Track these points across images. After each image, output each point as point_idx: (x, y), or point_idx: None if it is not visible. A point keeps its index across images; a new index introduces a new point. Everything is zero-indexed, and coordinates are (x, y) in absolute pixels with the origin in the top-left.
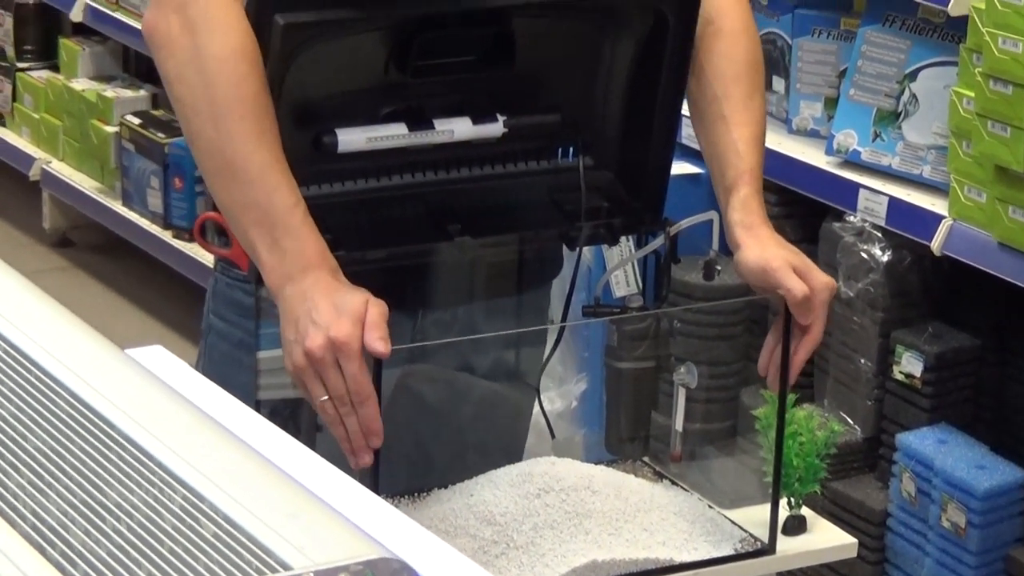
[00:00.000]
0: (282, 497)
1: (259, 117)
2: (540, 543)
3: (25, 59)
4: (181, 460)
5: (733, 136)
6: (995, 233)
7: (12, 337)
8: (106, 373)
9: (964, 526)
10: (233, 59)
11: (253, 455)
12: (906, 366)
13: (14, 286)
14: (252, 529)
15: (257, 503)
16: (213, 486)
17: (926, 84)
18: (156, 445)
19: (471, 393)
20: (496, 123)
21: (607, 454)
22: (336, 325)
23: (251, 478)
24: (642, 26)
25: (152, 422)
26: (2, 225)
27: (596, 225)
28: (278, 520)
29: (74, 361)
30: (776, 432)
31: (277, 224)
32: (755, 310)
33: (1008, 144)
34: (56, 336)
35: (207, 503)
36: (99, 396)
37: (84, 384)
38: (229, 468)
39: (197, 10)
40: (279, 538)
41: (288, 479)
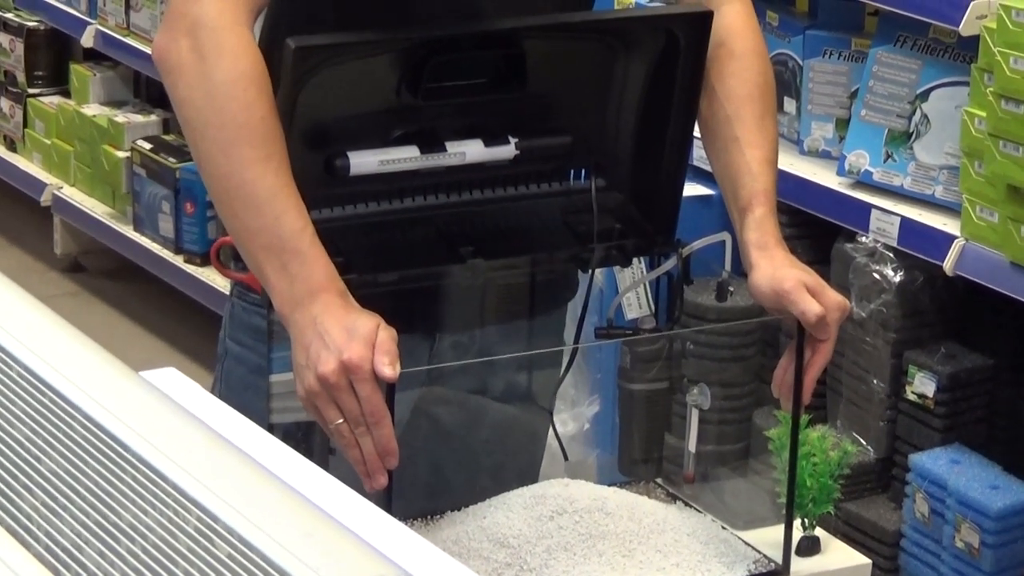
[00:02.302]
0: (296, 517)
1: (267, 142)
2: (554, 565)
3: (36, 85)
4: (195, 481)
5: (747, 157)
6: (1008, 253)
7: (27, 360)
8: (120, 395)
9: (978, 546)
10: (242, 84)
11: (267, 476)
12: (919, 387)
13: (28, 310)
14: (266, 549)
15: (271, 523)
16: (227, 507)
17: (938, 104)
18: (170, 466)
19: (485, 416)
20: (508, 145)
21: (620, 476)
22: (348, 348)
23: (265, 499)
24: (653, 48)
25: (166, 443)
26: (14, 250)
27: (608, 247)
28: (292, 540)
29: (88, 383)
30: (789, 453)
31: (285, 248)
32: (768, 331)
33: (1020, 164)
34: (70, 359)
35: (221, 523)
36: (113, 418)
37: (98, 406)
38: (243, 489)
39: (206, 35)
40: (293, 558)
41: (302, 500)
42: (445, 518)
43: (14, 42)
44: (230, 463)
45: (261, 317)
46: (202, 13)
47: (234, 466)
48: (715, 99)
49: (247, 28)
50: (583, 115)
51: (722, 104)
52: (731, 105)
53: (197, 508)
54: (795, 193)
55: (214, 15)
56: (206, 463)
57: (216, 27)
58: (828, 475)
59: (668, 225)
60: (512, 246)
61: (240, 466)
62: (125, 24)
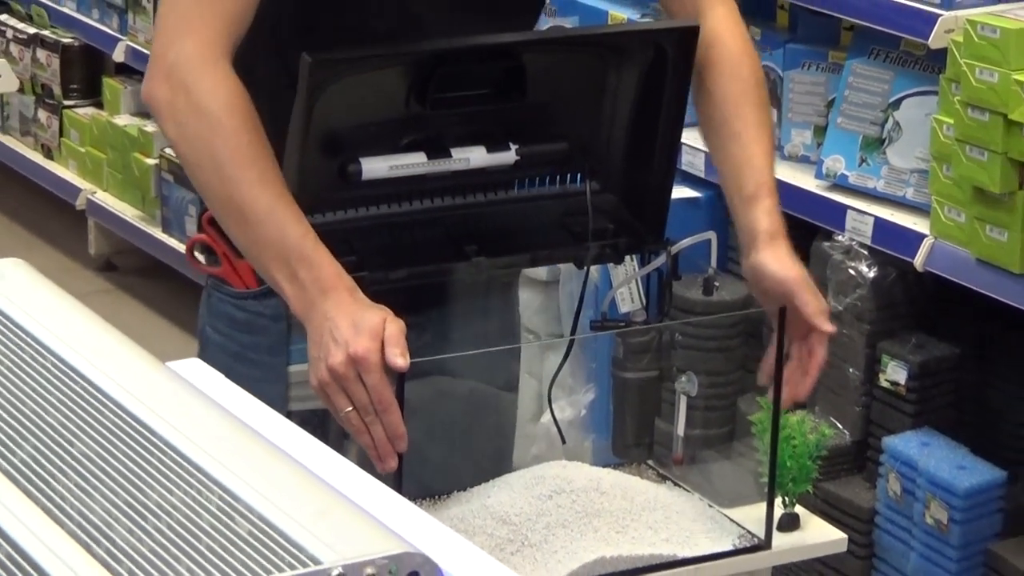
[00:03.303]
0: (312, 497)
1: (257, 162)
2: (552, 541)
3: (71, 97)
4: (217, 463)
5: (748, 152)
6: (974, 250)
7: (61, 352)
8: (148, 384)
9: (946, 523)
10: (226, 114)
11: (285, 458)
12: (891, 374)
13: (63, 306)
14: (284, 527)
15: (289, 503)
16: (247, 487)
17: (909, 112)
18: (194, 449)
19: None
20: (509, 151)
21: (614, 458)
22: (355, 341)
23: (283, 480)
24: (643, 59)
25: (190, 428)
26: (51, 251)
27: (602, 245)
28: (308, 518)
29: (118, 373)
30: (771, 436)
31: (291, 257)
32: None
33: (985, 167)
34: (102, 351)
35: (242, 503)
36: (141, 405)
37: (127, 394)
38: (262, 470)
39: (186, 74)
40: (309, 535)
41: (318, 481)
42: (451, 497)
43: (51, 57)
44: (250, 447)
45: (235, 307)
46: (179, 55)
47: (253, 449)
48: (712, 100)
49: (224, 61)
50: (578, 123)
51: (719, 105)
52: (728, 105)
53: (219, 488)
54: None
55: (191, 55)
56: (227, 447)
57: (193, 66)
58: (807, 457)
59: (658, 225)
60: (513, 245)
61: (259, 449)
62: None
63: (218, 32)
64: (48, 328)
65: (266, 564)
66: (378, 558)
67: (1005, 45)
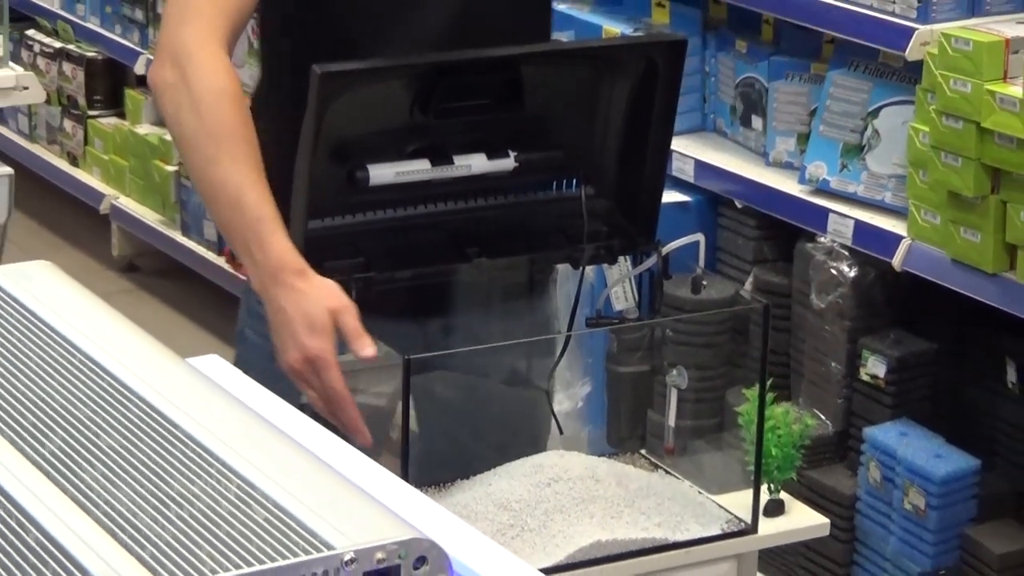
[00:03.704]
0: (325, 486)
1: (239, 145)
2: (550, 526)
3: (95, 108)
4: (235, 454)
5: None
6: (949, 251)
7: (87, 349)
8: (169, 379)
9: (924, 508)
10: (217, 99)
11: (299, 449)
12: (871, 368)
13: (89, 305)
14: (299, 514)
15: (303, 491)
16: (264, 476)
17: (887, 121)
18: (213, 441)
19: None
20: (508, 158)
21: (609, 448)
22: (309, 341)
23: (298, 469)
24: (635, 71)
25: (210, 421)
26: (76, 253)
27: (597, 247)
28: (322, 506)
29: (141, 369)
30: (757, 426)
31: (250, 238)
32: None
33: (959, 173)
34: (125, 348)
35: (259, 491)
36: (163, 399)
37: (150, 389)
38: (278, 460)
39: (186, 60)
40: (323, 522)
41: (330, 470)
42: (455, 485)
43: (76, 70)
44: (266, 438)
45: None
46: (181, 41)
47: (270, 441)
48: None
49: (222, 50)
50: (574, 131)
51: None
52: None
53: (237, 478)
54: (762, 200)
55: (188, 41)
56: (245, 438)
57: (193, 51)
58: (791, 446)
59: (649, 228)
60: (512, 247)
61: (275, 441)
62: None
63: (215, 23)
64: (74, 326)
65: (282, 549)
66: (388, 543)
67: (978, 57)
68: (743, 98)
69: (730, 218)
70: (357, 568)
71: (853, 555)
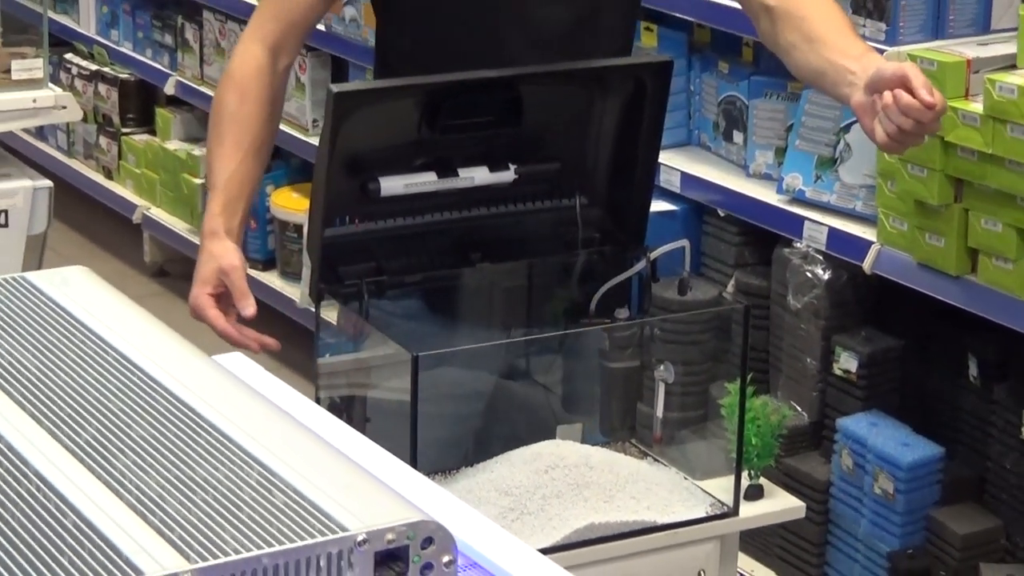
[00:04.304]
0: (339, 472)
1: (225, 124)
2: (548, 510)
3: (128, 125)
4: (257, 443)
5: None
6: (915, 255)
7: (120, 347)
8: (196, 374)
9: (892, 493)
10: (228, 86)
11: (315, 438)
12: (844, 363)
13: (122, 307)
14: (315, 498)
15: (319, 477)
16: (283, 464)
17: (857, 136)
18: (236, 431)
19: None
20: (508, 171)
21: (601, 437)
22: (194, 290)
23: (314, 457)
24: (625, 91)
25: (233, 413)
26: (111, 259)
27: (590, 252)
28: (336, 490)
29: (170, 365)
30: (738, 417)
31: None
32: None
33: (924, 183)
34: (155, 346)
35: (278, 477)
36: (190, 392)
37: (178, 383)
38: (296, 449)
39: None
40: (337, 505)
41: (344, 458)
42: (459, 472)
43: (110, 91)
44: (285, 428)
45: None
46: (240, 41)
47: (288, 431)
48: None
49: (262, 48)
50: (569, 145)
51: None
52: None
53: (259, 465)
54: (742, 208)
55: (244, 39)
56: (265, 428)
57: (241, 47)
58: (770, 435)
59: (638, 235)
60: (512, 252)
61: (293, 431)
62: (200, 75)
63: (265, 27)
64: (107, 326)
65: (299, 531)
66: (398, 525)
67: (942, 76)
68: (725, 115)
69: (713, 225)
70: (369, 548)
71: (827, 536)
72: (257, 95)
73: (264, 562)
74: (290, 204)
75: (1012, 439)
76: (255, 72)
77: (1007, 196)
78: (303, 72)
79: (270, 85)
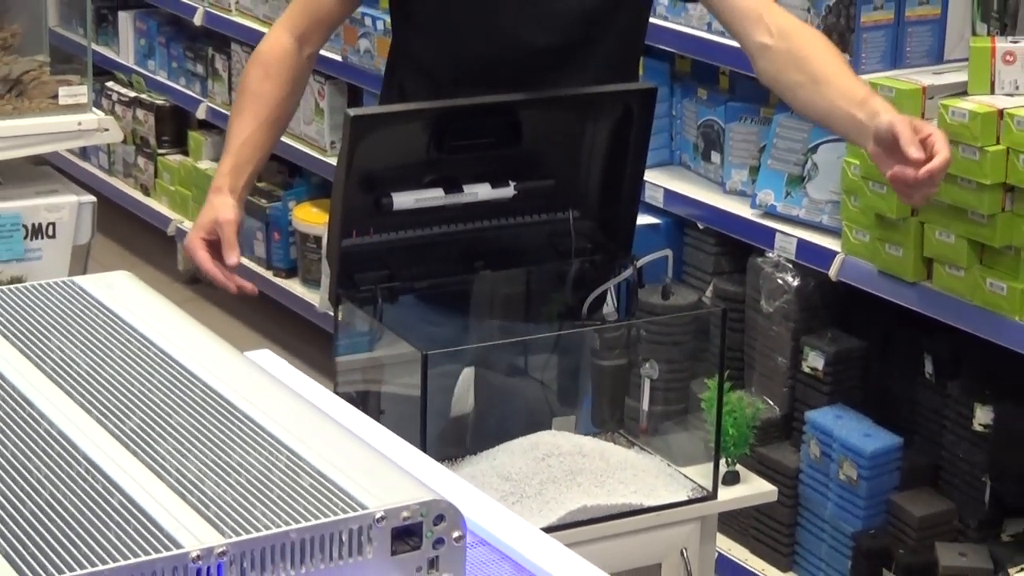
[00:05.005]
0: (359, 456)
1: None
2: (544, 493)
3: (163, 147)
4: (284, 430)
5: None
6: (876, 264)
7: (161, 344)
8: (229, 369)
9: (856, 478)
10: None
11: (337, 426)
12: (812, 362)
13: (162, 308)
14: (338, 480)
15: (341, 460)
16: (308, 449)
17: (824, 156)
18: (266, 420)
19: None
20: (508, 187)
21: (593, 428)
22: (190, 234)
23: (336, 442)
24: (614, 115)
25: (263, 403)
26: (148, 268)
27: (582, 261)
28: (357, 473)
29: (205, 360)
30: (716, 410)
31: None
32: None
33: (884, 198)
34: (192, 343)
35: (305, 461)
36: (224, 385)
37: (213, 377)
38: (320, 435)
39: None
40: (358, 486)
41: (363, 443)
42: (464, 459)
43: (147, 115)
44: (310, 417)
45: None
46: (270, 31)
47: (313, 419)
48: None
49: (289, 36)
50: (563, 165)
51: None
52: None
53: (286, 450)
54: (719, 221)
55: (274, 28)
56: (293, 417)
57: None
58: (745, 426)
59: (626, 245)
60: (512, 261)
61: (317, 419)
62: (228, 101)
63: (295, 20)
64: (150, 326)
65: (324, 509)
66: (412, 504)
67: (899, 101)
68: (704, 137)
69: (693, 237)
70: (386, 525)
71: (797, 518)
72: (279, 75)
73: (292, 537)
74: (310, 218)
75: (964, 430)
76: (281, 55)
77: (959, 210)
78: (322, 98)
79: (292, 67)
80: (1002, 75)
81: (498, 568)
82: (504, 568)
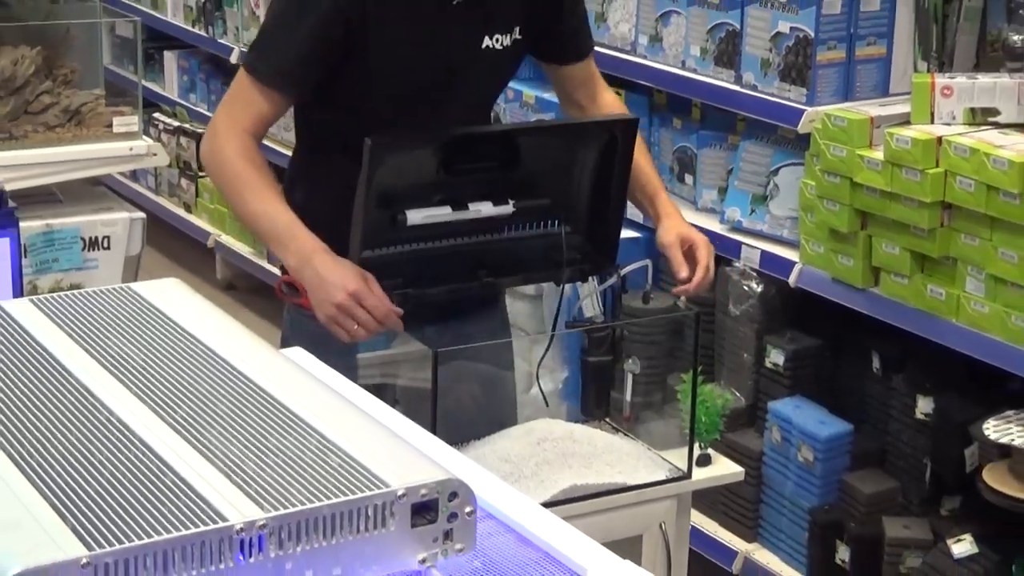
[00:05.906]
0: (382, 439)
1: (258, 184)
2: (540, 474)
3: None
4: (316, 417)
5: (646, 177)
6: (830, 273)
7: (207, 341)
8: (267, 364)
9: (812, 460)
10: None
11: (362, 413)
12: (773, 358)
13: (208, 311)
14: (363, 460)
15: (366, 443)
16: (338, 433)
17: (784, 178)
18: (300, 408)
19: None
20: (508, 205)
21: (582, 416)
22: (350, 282)
23: (362, 427)
24: (600, 141)
25: (297, 393)
26: (189, 276)
27: (572, 269)
28: (380, 454)
29: (246, 356)
30: (690, 401)
31: (283, 237)
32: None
33: (837, 215)
34: (235, 341)
35: (333, 444)
36: (262, 377)
37: (252, 370)
38: (347, 421)
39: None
40: (381, 466)
41: (386, 428)
42: (469, 444)
43: (189, 142)
44: (338, 405)
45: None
46: (218, 130)
47: (340, 407)
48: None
49: (244, 135)
50: (556, 185)
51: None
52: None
53: (317, 434)
54: None
55: (223, 130)
56: (323, 405)
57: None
58: (716, 415)
59: (611, 255)
60: (511, 270)
61: (344, 407)
62: None
63: (244, 123)
64: (198, 326)
65: (351, 486)
66: (429, 482)
67: (850, 131)
68: (678, 161)
69: None
70: (407, 501)
71: (761, 495)
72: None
73: (324, 512)
74: None
75: (907, 418)
76: (246, 147)
77: (903, 225)
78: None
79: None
80: (941, 107)
81: (503, 539)
82: (508, 539)
